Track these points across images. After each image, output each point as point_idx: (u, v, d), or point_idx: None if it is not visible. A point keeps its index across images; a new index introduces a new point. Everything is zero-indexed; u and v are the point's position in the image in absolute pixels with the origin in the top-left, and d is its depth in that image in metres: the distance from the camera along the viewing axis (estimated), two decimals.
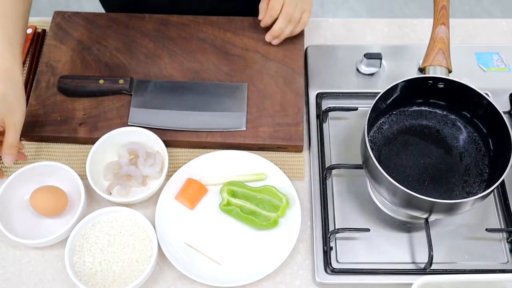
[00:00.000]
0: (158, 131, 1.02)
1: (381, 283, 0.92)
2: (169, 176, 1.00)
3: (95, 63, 1.11)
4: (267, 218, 0.96)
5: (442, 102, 0.97)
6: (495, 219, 0.98)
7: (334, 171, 1.02)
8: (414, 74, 1.10)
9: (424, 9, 2.45)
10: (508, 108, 1.08)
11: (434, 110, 0.98)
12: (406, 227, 0.98)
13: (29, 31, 1.16)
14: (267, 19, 1.08)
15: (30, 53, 1.15)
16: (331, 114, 1.07)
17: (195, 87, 1.07)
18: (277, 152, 1.05)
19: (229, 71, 1.10)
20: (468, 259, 0.95)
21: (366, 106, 0.99)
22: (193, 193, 0.98)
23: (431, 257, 0.91)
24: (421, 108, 0.99)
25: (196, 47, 1.13)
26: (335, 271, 0.92)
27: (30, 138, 1.05)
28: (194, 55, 1.12)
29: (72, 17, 1.16)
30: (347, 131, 1.06)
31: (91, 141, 1.04)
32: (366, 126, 0.89)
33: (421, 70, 0.96)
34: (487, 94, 0.93)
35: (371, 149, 0.87)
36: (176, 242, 0.95)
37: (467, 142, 0.96)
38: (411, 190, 0.83)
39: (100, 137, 1.01)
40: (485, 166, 0.94)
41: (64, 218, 0.98)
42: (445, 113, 0.98)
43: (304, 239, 0.97)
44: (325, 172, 1.00)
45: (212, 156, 1.01)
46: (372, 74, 1.11)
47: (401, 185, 0.84)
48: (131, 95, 1.07)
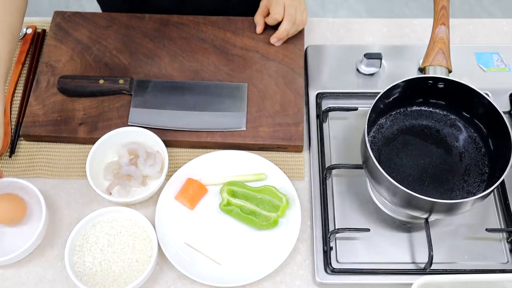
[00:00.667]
0: (158, 131, 1.02)
1: (381, 283, 0.92)
2: (169, 176, 1.00)
3: (95, 63, 1.11)
4: (267, 218, 0.96)
5: (442, 102, 0.97)
6: (495, 219, 0.98)
7: (334, 171, 1.02)
8: (414, 74, 1.10)
9: (424, 9, 2.45)
10: (508, 108, 1.08)
11: (434, 110, 0.98)
12: (406, 227, 0.98)
13: (29, 31, 1.16)
14: (272, 22, 1.10)
15: (30, 53, 1.15)
16: (331, 114, 1.07)
17: (195, 87, 1.07)
18: (277, 152, 1.05)
19: (229, 71, 1.10)
20: (468, 259, 0.95)
21: (366, 106, 0.99)
22: (193, 193, 0.98)
23: (431, 257, 0.91)
24: (421, 108, 0.99)
25: (196, 47, 1.13)
26: (335, 271, 0.92)
27: (30, 138, 1.05)
28: (194, 55, 1.12)
29: (72, 17, 1.16)
30: (347, 131, 1.06)
31: (91, 141, 1.04)
32: (366, 126, 0.89)
33: (421, 70, 0.96)
34: (487, 94, 0.93)
35: (371, 149, 0.87)
36: (176, 242, 0.95)
37: (467, 142, 0.96)
38: (411, 190, 0.83)
39: (100, 137, 1.01)
40: (485, 166, 0.94)
41: (24, 226, 0.96)
42: (445, 113, 0.98)
43: (304, 239, 0.97)
44: (325, 172, 1.00)
45: (212, 156, 1.01)
46: (372, 74, 1.11)
47: (401, 185, 0.84)
48: (131, 95, 1.07)
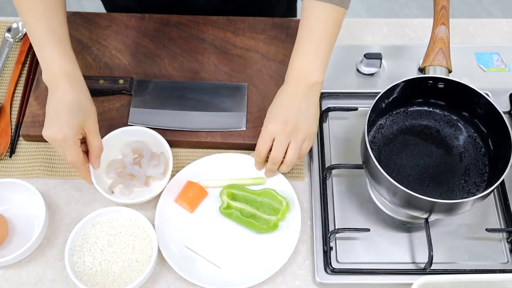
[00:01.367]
0: (157, 131, 1.02)
1: (381, 283, 0.92)
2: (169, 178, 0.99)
3: (95, 63, 1.11)
4: (267, 221, 0.96)
5: (442, 102, 0.97)
6: (495, 219, 0.98)
7: (334, 171, 1.02)
8: (414, 74, 1.10)
9: (424, 9, 2.45)
10: (508, 108, 1.08)
11: (434, 110, 0.98)
12: (406, 227, 0.98)
13: None
14: (257, 165, 1.00)
15: (30, 53, 1.15)
16: (331, 114, 1.07)
17: (195, 87, 1.07)
18: None
19: (229, 71, 1.10)
20: (468, 259, 0.95)
21: (366, 106, 0.99)
22: (193, 196, 0.98)
23: (431, 257, 0.91)
24: (421, 108, 0.99)
25: (196, 47, 1.13)
26: (335, 271, 0.92)
27: (30, 138, 1.05)
28: (194, 55, 1.12)
29: (72, 17, 1.16)
30: (347, 131, 1.06)
31: None
32: (366, 126, 0.89)
33: (421, 70, 0.97)
34: (487, 94, 0.93)
35: (371, 149, 0.87)
36: (176, 245, 0.95)
37: (467, 142, 0.96)
38: (411, 190, 0.83)
39: (100, 137, 1.01)
40: (485, 166, 0.94)
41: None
42: (445, 113, 0.98)
43: (304, 239, 0.97)
44: (325, 172, 1.00)
45: (212, 159, 1.01)
46: (372, 74, 1.11)
47: (401, 185, 0.84)
48: (131, 95, 1.07)
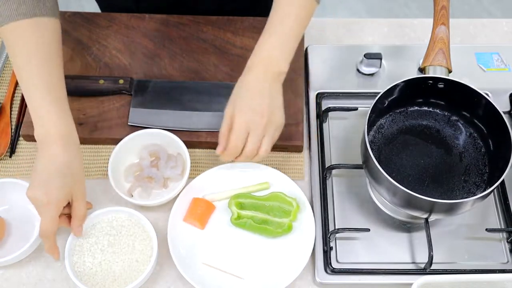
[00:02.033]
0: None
1: (381, 283, 0.92)
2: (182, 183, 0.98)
3: (95, 63, 1.11)
4: (280, 224, 0.95)
5: (442, 102, 0.97)
6: (495, 219, 0.98)
7: (334, 171, 1.02)
8: (414, 74, 1.10)
9: (424, 9, 2.45)
10: (508, 108, 1.08)
11: (434, 110, 0.98)
12: (406, 227, 0.97)
13: None
14: (227, 158, 0.93)
15: None
16: (331, 114, 1.07)
17: (195, 87, 1.07)
18: (277, 152, 1.04)
19: (229, 71, 1.10)
20: (468, 259, 0.95)
21: (366, 106, 0.99)
22: (201, 212, 0.96)
23: (431, 257, 0.91)
24: (421, 108, 0.99)
25: (196, 47, 1.13)
26: (335, 271, 0.92)
27: (30, 138, 1.05)
28: (194, 55, 1.12)
29: (72, 17, 1.16)
30: (347, 131, 1.06)
31: (91, 141, 1.04)
32: (366, 126, 0.89)
33: (421, 70, 0.96)
34: (487, 94, 0.93)
35: (371, 149, 0.87)
36: (195, 264, 0.93)
37: (467, 142, 0.96)
38: (411, 190, 0.83)
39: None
40: (485, 166, 0.94)
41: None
42: (445, 113, 0.98)
43: None
44: (325, 172, 1.00)
45: (214, 172, 1.00)
46: (372, 74, 1.11)
47: (401, 185, 0.84)
48: (131, 95, 1.07)
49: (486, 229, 0.95)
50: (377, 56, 1.09)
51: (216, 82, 1.08)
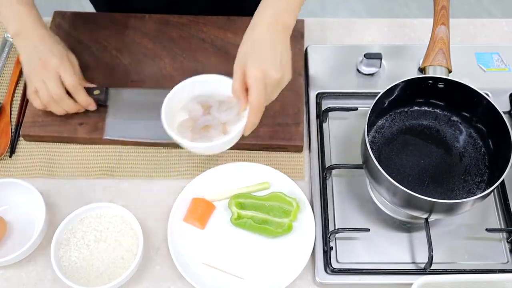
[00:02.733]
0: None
1: (381, 283, 0.92)
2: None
3: (95, 63, 1.11)
4: (280, 224, 0.95)
5: (442, 102, 0.97)
6: (495, 219, 0.98)
7: (334, 171, 1.02)
8: (414, 74, 1.10)
9: (424, 9, 2.45)
10: (508, 108, 1.08)
11: (434, 110, 0.98)
12: (406, 227, 0.98)
13: None
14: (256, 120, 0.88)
15: None
16: (331, 114, 1.07)
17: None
18: (277, 152, 1.05)
19: (229, 71, 1.09)
20: (468, 259, 0.95)
21: (366, 106, 0.99)
22: (201, 212, 0.96)
23: (431, 257, 0.91)
24: (421, 108, 0.99)
25: (196, 47, 1.13)
26: (335, 271, 0.92)
27: (30, 138, 1.05)
28: (194, 55, 1.12)
29: (72, 17, 1.16)
30: (347, 131, 1.06)
31: (91, 141, 1.04)
32: (366, 126, 0.89)
33: (421, 70, 0.97)
34: (487, 94, 0.93)
35: (371, 149, 0.87)
36: (194, 264, 0.93)
37: (467, 142, 0.96)
38: (411, 190, 0.83)
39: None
40: (485, 166, 0.94)
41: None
42: (445, 113, 0.98)
43: None
44: (325, 172, 1.00)
45: (213, 171, 1.00)
46: (372, 74, 1.11)
47: (401, 185, 0.84)
48: (106, 106, 1.04)
49: (486, 229, 0.95)
50: (377, 56, 1.09)
51: None
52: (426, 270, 0.92)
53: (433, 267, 0.92)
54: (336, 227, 0.96)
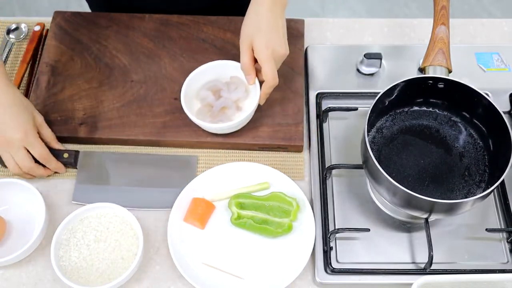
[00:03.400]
0: None
1: (381, 283, 0.92)
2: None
3: (95, 63, 1.11)
4: (280, 224, 0.95)
5: (442, 102, 0.97)
6: (495, 219, 0.98)
7: (334, 171, 1.02)
8: (414, 74, 1.10)
9: (424, 9, 2.45)
10: (508, 108, 1.08)
11: (434, 110, 0.98)
12: (406, 227, 0.98)
13: (37, 28, 1.16)
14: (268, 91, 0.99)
15: (38, 52, 1.15)
16: (331, 114, 1.07)
17: (142, 160, 1.03)
18: (277, 152, 1.05)
19: None
20: (468, 259, 0.95)
21: (366, 106, 0.99)
22: (201, 212, 0.96)
23: (431, 257, 0.91)
24: (421, 108, 0.99)
25: (196, 47, 1.13)
26: (335, 271, 0.92)
27: None
28: (194, 55, 1.12)
29: (72, 17, 1.16)
30: (347, 131, 1.06)
31: (92, 141, 1.04)
32: (366, 126, 0.89)
33: (421, 70, 0.96)
34: (487, 94, 0.93)
35: (371, 149, 0.87)
36: (194, 264, 0.93)
37: (467, 142, 0.96)
38: (411, 190, 0.83)
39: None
40: (485, 166, 0.94)
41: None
42: (445, 113, 0.98)
43: None
44: (325, 172, 1.00)
45: (213, 171, 1.00)
46: (372, 74, 1.11)
47: (401, 185, 0.84)
48: (76, 168, 1.02)
49: (486, 229, 0.95)
50: (377, 56, 1.09)
51: (165, 155, 1.03)
52: (426, 270, 0.92)
53: (433, 267, 0.92)
54: (336, 227, 0.96)
